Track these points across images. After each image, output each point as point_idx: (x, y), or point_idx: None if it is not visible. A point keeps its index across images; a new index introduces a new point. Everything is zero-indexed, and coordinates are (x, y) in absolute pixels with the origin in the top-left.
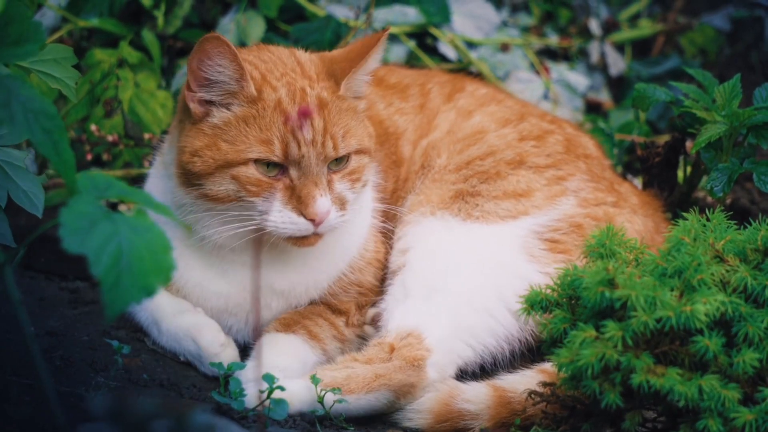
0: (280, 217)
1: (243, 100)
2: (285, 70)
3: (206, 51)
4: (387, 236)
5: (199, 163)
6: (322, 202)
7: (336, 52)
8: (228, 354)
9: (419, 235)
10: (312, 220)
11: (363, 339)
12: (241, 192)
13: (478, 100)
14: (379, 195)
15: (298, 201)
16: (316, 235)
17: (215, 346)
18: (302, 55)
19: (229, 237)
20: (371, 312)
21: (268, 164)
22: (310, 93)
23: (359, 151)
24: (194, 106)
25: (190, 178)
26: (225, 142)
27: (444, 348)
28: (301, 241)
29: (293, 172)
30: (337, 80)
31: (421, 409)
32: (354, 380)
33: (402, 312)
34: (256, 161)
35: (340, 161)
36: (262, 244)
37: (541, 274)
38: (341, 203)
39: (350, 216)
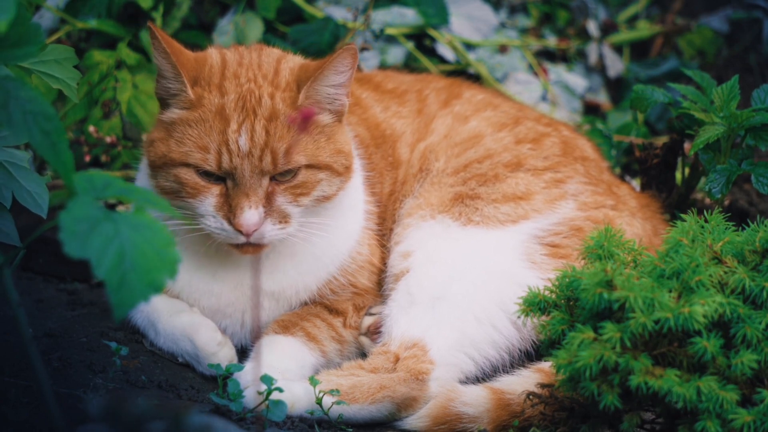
0: (213, 222)
1: (183, 103)
2: (255, 75)
3: (152, 42)
4: (383, 238)
5: (152, 154)
6: (249, 215)
7: (317, 61)
8: (225, 353)
9: (421, 239)
10: (239, 231)
11: (361, 347)
12: (181, 192)
13: (474, 105)
14: (374, 198)
15: (229, 209)
16: (255, 246)
17: (212, 345)
18: (289, 62)
19: (184, 231)
20: (367, 321)
21: (204, 171)
22: (266, 103)
23: (311, 167)
24: (157, 95)
25: (149, 167)
26: (173, 139)
27: (447, 361)
28: (241, 248)
29: (229, 181)
30: (299, 88)
31: (420, 413)
32: (359, 389)
33: (407, 320)
34: (194, 166)
35: (285, 174)
36: (215, 245)
37: (543, 280)
38: (282, 216)
39: (294, 230)
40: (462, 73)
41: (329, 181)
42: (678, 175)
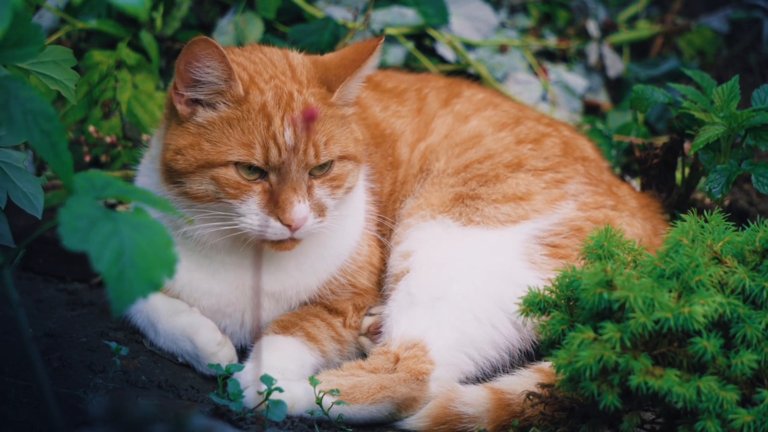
0: (257, 220)
1: (229, 100)
2: (275, 72)
3: (194, 53)
4: (382, 238)
5: (181, 161)
6: (299, 209)
7: (330, 57)
8: (225, 353)
9: (421, 239)
10: (288, 226)
11: (361, 347)
12: (219, 193)
13: (474, 104)
14: (374, 197)
15: (276, 205)
16: (293, 240)
17: (212, 345)
18: (295, 58)
19: (210, 234)
20: (367, 321)
21: (249, 167)
22: (297, 98)
23: (343, 158)
24: (181, 108)
25: (172, 175)
26: (208, 142)
27: (447, 361)
28: (278, 245)
29: (273, 177)
30: (330, 87)
31: (420, 413)
32: (359, 389)
33: (407, 320)
34: (237, 164)
35: (322, 167)
36: (245, 245)
37: (543, 280)
38: (320, 209)
39: (329, 222)
40: (462, 73)
41: (354, 171)
42: (678, 175)
